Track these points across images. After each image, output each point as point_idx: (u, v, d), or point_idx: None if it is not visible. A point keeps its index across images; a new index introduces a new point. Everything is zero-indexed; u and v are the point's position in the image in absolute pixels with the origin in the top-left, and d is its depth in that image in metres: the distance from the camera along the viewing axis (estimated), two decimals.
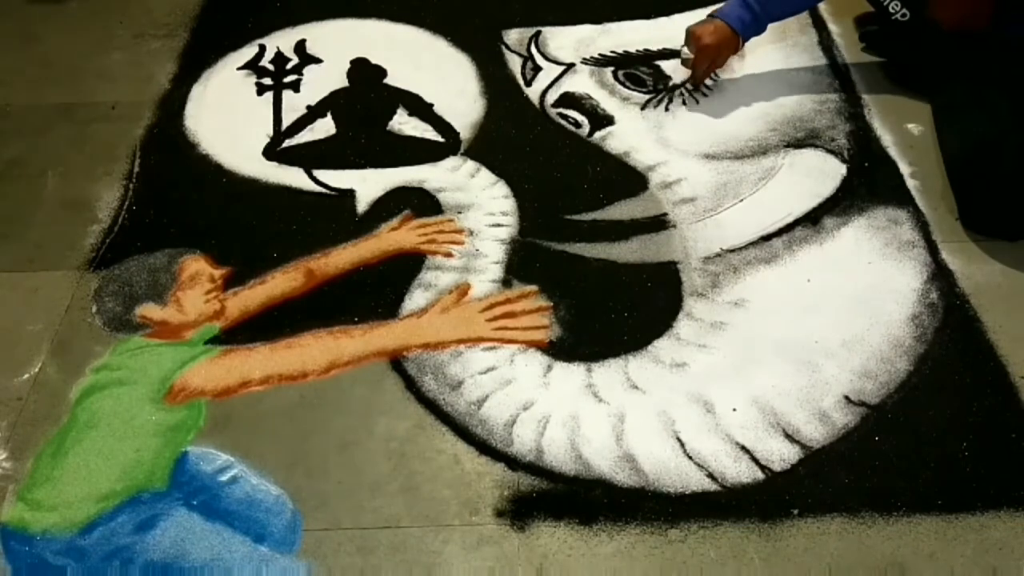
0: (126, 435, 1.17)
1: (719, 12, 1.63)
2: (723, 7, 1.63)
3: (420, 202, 1.50)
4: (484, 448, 1.15)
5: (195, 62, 1.84)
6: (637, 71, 1.74)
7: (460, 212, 1.48)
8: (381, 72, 1.79)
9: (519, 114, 1.68)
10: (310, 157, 1.61)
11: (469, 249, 1.41)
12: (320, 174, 1.57)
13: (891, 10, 1.64)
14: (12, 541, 1.08)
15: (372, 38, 1.88)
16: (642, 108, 1.66)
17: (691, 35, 1.63)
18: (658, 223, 1.44)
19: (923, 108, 1.61)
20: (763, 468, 1.12)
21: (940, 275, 1.34)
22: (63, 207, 1.53)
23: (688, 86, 1.69)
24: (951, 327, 1.27)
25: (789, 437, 1.15)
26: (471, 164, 1.57)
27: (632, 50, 1.79)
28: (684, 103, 1.67)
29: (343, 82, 1.77)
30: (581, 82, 1.73)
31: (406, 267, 1.39)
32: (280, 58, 1.83)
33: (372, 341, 1.28)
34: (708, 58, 1.63)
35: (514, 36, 1.86)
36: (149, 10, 2.00)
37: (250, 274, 1.38)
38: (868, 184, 1.49)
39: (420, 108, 1.70)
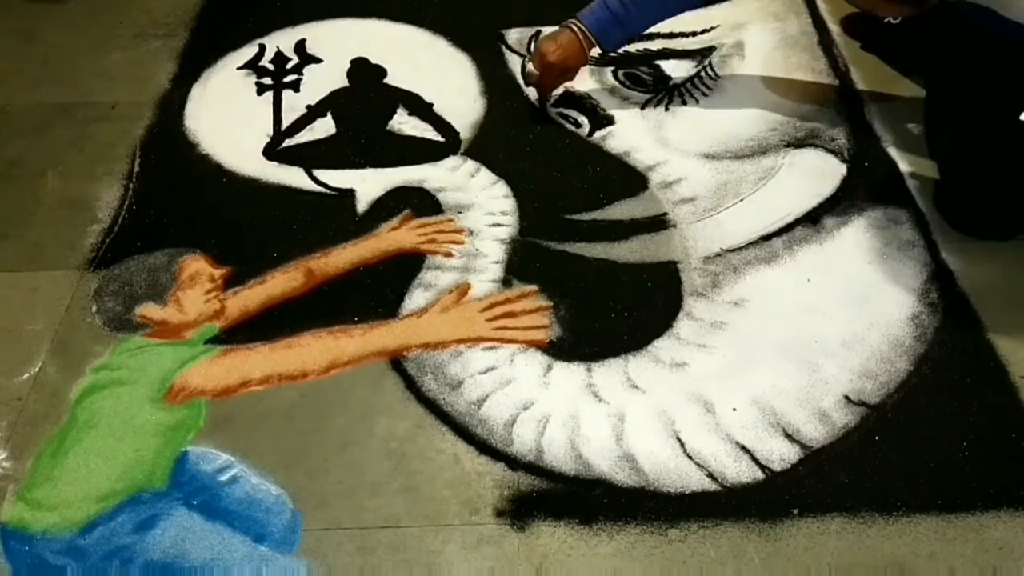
0: (126, 435, 1.17)
1: (579, 12, 1.54)
2: (584, 9, 1.54)
3: (420, 202, 1.50)
4: (484, 448, 1.15)
5: (195, 62, 1.84)
6: (637, 71, 1.74)
7: (460, 212, 1.48)
8: (381, 72, 1.79)
9: (519, 114, 1.68)
10: (310, 157, 1.61)
11: (469, 249, 1.41)
12: (320, 174, 1.57)
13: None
14: (12, 541, 1.08)
15: (372, 38, 1.88)
16: (642, 108, 1.66)
17: (537, 50, 1.58)
18: (658, 223, 1.44)
19: (923, 108, 1.61)
20: (763, 468, 1.12)
21: (940, 275, 1.34)
22: (63, 207, 1.53)
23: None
24: (951, 327, 1.27)
25: (789, 437, 1.15)
26: (471, 164, 1.57)
27: (632, 50, 1.79)
28: (684, 102, 1.67)
29: (343, 82, 1.77)
30: (581, 81, 1.73)
31: (406, 267, 1.39)
32: (280, 58, 1.83)
33: (372, 341, 1.28)
34: (552, 76, 1.59)
35: (514, 36, 1.86)
36: (149, 10, 2.00)
37: (250, 274, 1.38)
38: (868, 184, 1.49)
39: (420, 108, 1.70)
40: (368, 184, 1.54)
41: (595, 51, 1.58)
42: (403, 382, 1.23)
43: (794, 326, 1.28)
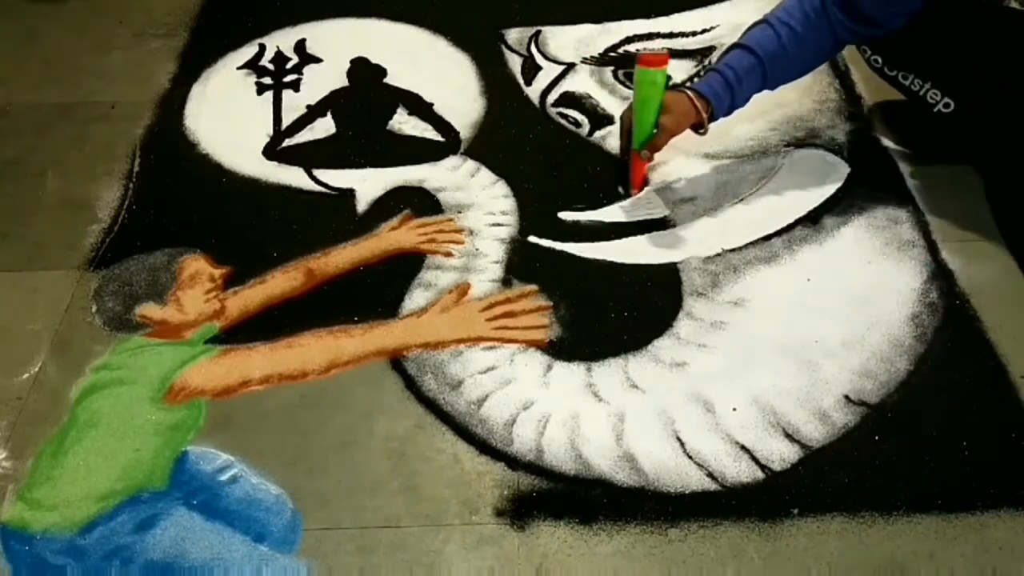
0: (126, 434, 1.17)
1: (695, 84, 1.38)
2: (700, 82, 1.38)
3: (420, 201, 1.50)
4: (484, 448, 1.15)
5: (195, 61, 1.84)
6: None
7: (460, 211, 1.48)
8: (381, 71, 1.79)
9: (519, 113, 1.68)
10: (310, 156, 1.61)
11: (469, 248, 1.41)
12: (320, 173, 1.57)
13: (929, 100, 1.41)
14: (12, 541, 1.08)
15: (372, 38, 1.88)
16: None
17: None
18: (658, 223, 1.44)
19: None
20: (763, 468, 1.12)
21: (940, 275, 1.34)
22: (63, 207, 1.53)
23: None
24: (951, 327, 1.27)
25: (789, 437, 1.15)
26: (471, 163, 1.57)
27: (632, 50, 1.79)
28: None
29: (343, 81, 1.77)
30: (581, 81, 1.73)
31: (406, 267, 1.39)
32: (280, 57, 1.83)
33: (372, 340, 1.28)
34: (669, 135, 1.39)
35: (514, 35, 1.86)
36: (149, 9, 2.00)
37: (250, 273, 1.38)
38: (868, 184, 1.49)
39: (420, 107, 1.70)
40: (368, 184, 1.54)
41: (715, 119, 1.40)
42: (403, 382, 1.23)
43: (794, 326, 1.28)
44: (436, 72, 1.78)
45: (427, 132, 1.65)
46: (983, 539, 1.04)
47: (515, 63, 1.79)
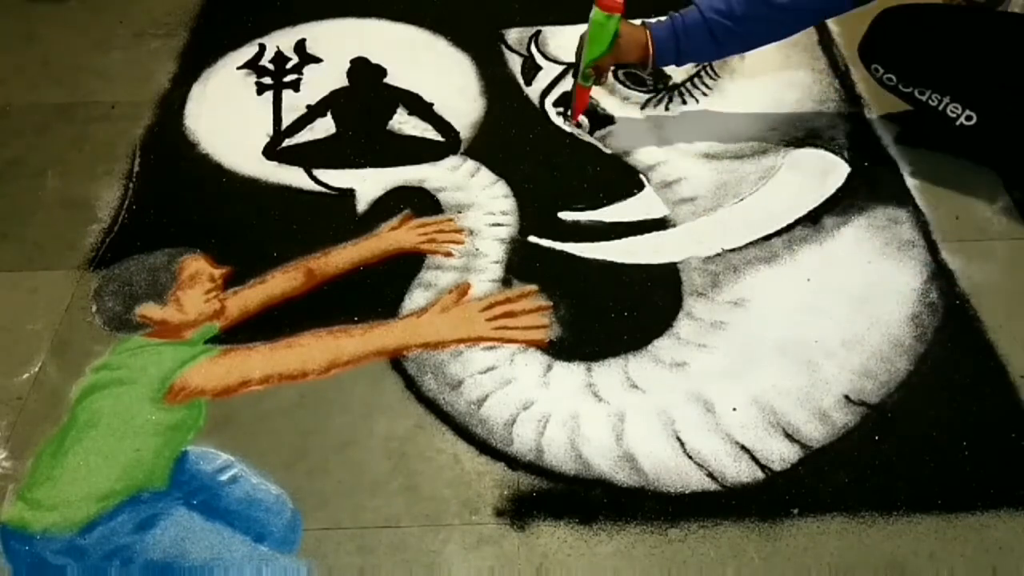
0: (126, 434, 1.17)
1: (655, 22, 1.46)
2: (656, 24, 1.45)
3: (420, 201, 1.50)
4: (484, 448, 1.15)
5: (195, 61, 1.84)
6: (637, 71, 1.73)
7: (460, 211, 1.48)
8: (381, 71, 1.79)
9: (519, 114, 1.68)
10: (310, 156, 1.61)
11: (469, 248, 1.41)
12: (320, 173, 1.57)
13: (949, 114, 1.40)
14: (12, 541, 1.08)
15: (372, 38, 1.88)
16: (642, 108, 1.66)
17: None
18: (658, 223, 1.44)
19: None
20: (763, 468, 1.12)
21: (940, 275, 1.34)
22: (63, 207, 1.53)
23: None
24: (951, 327, 1.27)
25: (789, 437, 1.15)
26: (471, 163, 1.57)
27: None
28: (684, 102, 1.67)
29: (343, 81, 1.77)
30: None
31: (406, 267, 1.39)
32: (280, 57, 1.83)
33: (372, 340, 1.28)
34: (614, 60, 1.48)
35: (514, 35, 1.86)
36: (149, 9, 2.00)
37: (250, 273, 1.38)
38: (868, 184, 1.49)
39: (420, 107, 1.70)
40: (368, 184, 1.54)
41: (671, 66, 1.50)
42: (403, 382, 1.23)
43: (794, 326, 1.28)
44: (436, 72, 1.78)
45: (427, 132, 1.65)
46: (983, 539, 1.04)
47: (515, 63, 1.79)
